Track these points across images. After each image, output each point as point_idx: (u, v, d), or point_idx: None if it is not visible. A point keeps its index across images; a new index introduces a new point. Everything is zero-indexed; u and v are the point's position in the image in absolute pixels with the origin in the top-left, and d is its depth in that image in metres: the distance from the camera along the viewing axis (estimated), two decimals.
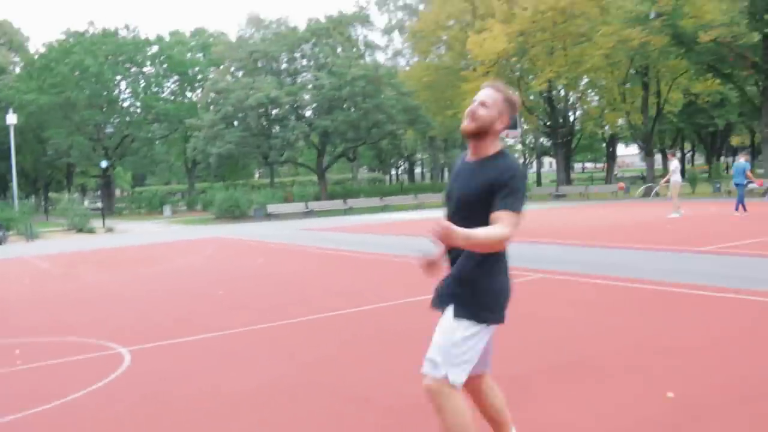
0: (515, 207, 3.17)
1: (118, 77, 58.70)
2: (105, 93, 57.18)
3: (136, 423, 5.09)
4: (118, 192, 76.34)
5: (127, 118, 59.29)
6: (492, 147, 3.37)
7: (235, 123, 45.03)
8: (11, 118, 40.07)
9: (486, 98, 3.36)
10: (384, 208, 38.60)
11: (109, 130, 59.89)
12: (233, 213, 38.00)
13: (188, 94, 63.37)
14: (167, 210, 50.25)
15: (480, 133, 3.35)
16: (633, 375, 5.46)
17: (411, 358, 6.37)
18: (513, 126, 39.59)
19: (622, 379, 5.36)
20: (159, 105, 58.09)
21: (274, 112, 45.59)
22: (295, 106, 45.17)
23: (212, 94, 47.14)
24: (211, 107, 46.19)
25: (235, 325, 8.14)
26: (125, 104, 60.79)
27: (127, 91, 60.76)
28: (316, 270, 13.77)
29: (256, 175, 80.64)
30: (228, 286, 11.86)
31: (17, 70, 61.32)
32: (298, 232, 24.87)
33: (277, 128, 45.42)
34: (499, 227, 3.11)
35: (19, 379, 6.63)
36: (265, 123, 45.70)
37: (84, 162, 60.05)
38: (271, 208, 37.75)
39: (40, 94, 52.82)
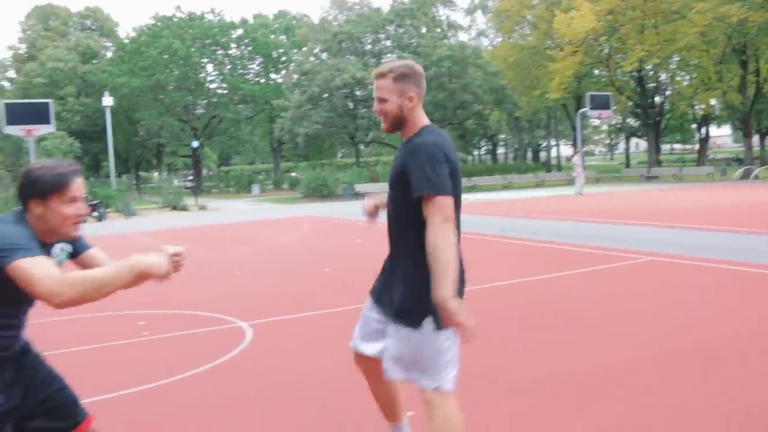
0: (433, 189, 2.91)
1: (205, 60, 59.83)
2: (193, 75, 58.38)
3: (263, 396, 5.19)
4: (204, 171, 78.09)
5: (214, 99, 60.45)
6: (415, 127, 3.15)
7: (322, 103, 45.36)
8: (107, 100, 41.34)
9: (380, 92, 3.14)
10: (472, 189, 38.34)
11: (197, 111, 61.21)
12: (321, 192, 38.36)
13: (272, 75, 64.16)
14: (255, 189, 51.09)
15: (400, 126, 3.16)
16: (747, 363, 5.27)
17: (524, 338, 6.34)
18: (605, 106, 38.81)
19: (736, 367, 5.18)
20: (245, 86, 59.01)
21: (359, 92, 45.73)
22: None
23: (296, 76, 47.60)
24: (297, 88, 46.64)
25: (349, 302, 8.21)
26: (212, 86, 61.97)
27: (214, 73, 61.91)
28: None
29: (339, 155, 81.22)
30: (332, 264, 11.97)
31: (109, 54, 63.14)
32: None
33: (362, 108, 45.57)
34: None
35: (147, 350, 6.85)
36: (350, 104, 45.91)
37: (173, 142, 61.60)
38: (359, 187, 37.94)
39: (132, 77, 54.30)
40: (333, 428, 4.39)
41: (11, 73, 66.50)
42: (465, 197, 30.85)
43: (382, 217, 3.46)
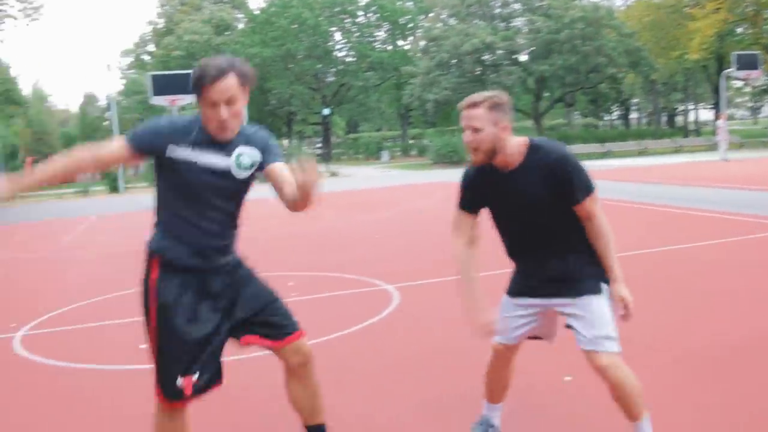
0: None
1: (333, 28, 60.47)
2: (322, 44, 59.14)
3: (414, 358, 5.17)
4: (333, 138, 79.29)
5: (343, 67, 61.10)
6: (518, 150, 3.16)
7: (451, 69, 44.96)
8: None
9: (473, 122, 3.09)
10: (605, 155, 37.12)
11: (327, 79, 62.06)
12: (451, 158, 38.14)
13: (399, 42, 64.13)
14: (385, 155, 51.43)
15: (492, 156, 3.14)
16: None
17: (677, 305, 6.04)
18: (753, 66, 36.50)
19: None
20: (373, 54, 59.29)
21: (488, 57, 45.02)
22: (510, 51, 44.34)
23: (424, 42, 47.32)
24: (425, 55, 46.42)
25: (493, 267, 8.07)
26: (341, 54, 62.60)
27: (343, 41, 62.50)
28: None
29: None
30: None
31: (240, 26, 64.80)
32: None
33: (492, 74, 44.88)
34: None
35: (297, 311, 6.96)
36: (479, 69, 45.29)
37: (304, 110, 62.77)
38: None
39: (263, 48, 55.59)
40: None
41: (151, 47, 69.36)
42: (599, 163, 29.90)
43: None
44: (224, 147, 2.89)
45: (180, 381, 2.87)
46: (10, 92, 43.07)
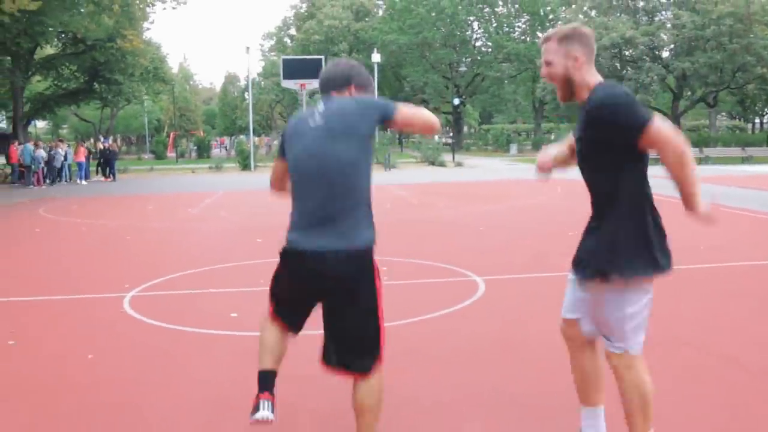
0: None
1: (471, 18, 60.27)
2: (458, 33, 59.11)
3: (487, 347, 5.29)
4: (465, 129, 79.10)
5: (479, 57, 60.84)
6: (588, 87, 2.98)
7: None
8: (375, 57, 43.17)
9: (546, 57, 3.04)
10: (746, 160, 35.30)
11: (461, 68, 61.99)
12: None
13: (539, 34, 63.12)
14: (513, 148, 51.04)
15: (571, 90, 3.03)
16: None
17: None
18: None
19: None
20: (510, 45, 58.70)
21: (627, 53, 43.68)
22: (651, 46, 42.85)
23: None
24: None
25: None
26: (477, 44, 62.35)
27: (479, 31, 62.22)
28: (671, 220, 13.05)
29: None
30: (578, 227, 11.71)
31: (380, 12, 65.65)
32: (652, 179, 23.74)
33: (630, 70, 43.52)
34: None
35: (387, 293, 7.20)
36: (617, 64, 44.03)
37: (437, 98, 63.02)
38: None
39: (400, 35, 56.18)
40: (546, 393, 4.39)
41: (293, 31, 71.44)
42: (736, 168, 28.45)
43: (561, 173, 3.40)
44: None
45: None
46: (158, 70, 45.63)
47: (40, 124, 69.67)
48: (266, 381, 3.22)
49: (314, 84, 23.54)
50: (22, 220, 15.38)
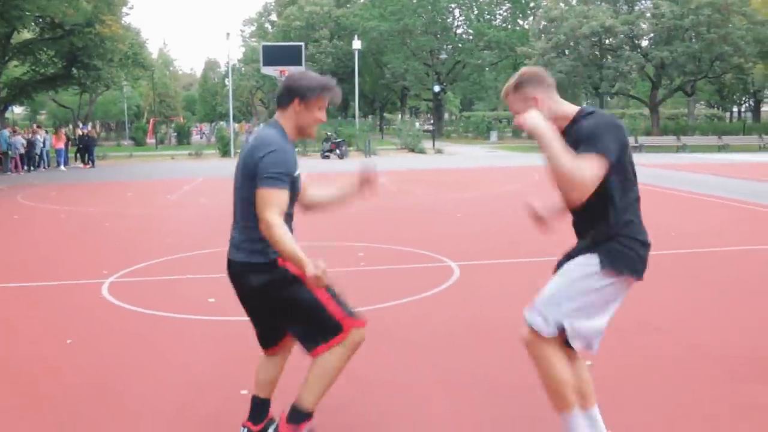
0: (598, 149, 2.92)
1: (453, 5, 60.29)
2: (440, 20, 59.11)
3: (459, 332, 5.42)
4: (447, 116, 79.23)
5: (459, 45, 60.89)
6: (566, 117, 3.14)
7: (566, 52, 44.17)
8: (356, 44, 43.14)
9: (512, 108, 3.21)
10: (722, 148, 35.67)
11: (442, 56, 62.01)
12: None
13: (519, 21, 63.26)
14: (493, 135, 51.23)
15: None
16: None
17: (746, 308, 6.02)
18: None
19: None
20: (490, 32, 58.79)
21: (607, 41, 43.89)
22: (630, 35, 43.09)
23: (543, 23, 46.57)
24: (543, 35, 45.72)
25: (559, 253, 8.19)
26: (458, 31, 62.39)
27: (461, 18, 62.24)
28: (649, 209, 13.23)
29: (584, 105, 78.71)
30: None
31: None
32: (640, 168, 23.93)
33: (609, 58, 43.75)
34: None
35: (362, 278, 7.36)
36: (597, 53, 44.24)
37: (417, 86, 62.98)
38: None
39: (381, 21, 56.09)
40: (514, 373, 4.53)
41: (274, 17, 71.09)
42: (715, 157, 28.83)
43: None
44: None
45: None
46: (137, 56, 45.29)
47: (18, 110, 69.01)
48: (251, 408, 3.49)
49: (293, 70, 23.59)
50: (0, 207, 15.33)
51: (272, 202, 3.04)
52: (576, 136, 3.03)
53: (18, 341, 5.45)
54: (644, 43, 44.93)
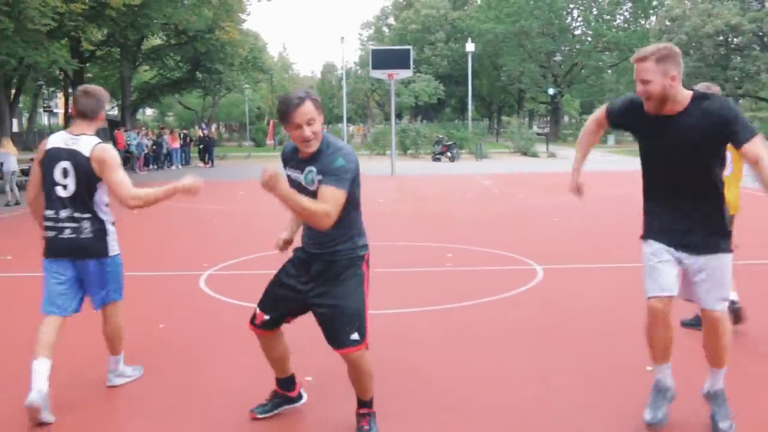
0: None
1: (571, 6, 59.21)
2: (557, 22, 58.18)
3: (534, 330, 5.50)
4: (566, 119, 77.86)
5: (577, 46, 59.73)
6: (680, 101, 3.41)
7: (690, 52, 42.63)
8: (469, 46, 43.17)
9: (642, 75, 3.37)
10: None
11: (558, 58, 61.03)
12: None
13: (641, 21, 61.45)
14: (611, 139, 50.01)
15: (664, 105, 3.40)
16: None
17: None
18: None
19: None
20: (610, 33, 57.40)
21: (735, 40, 42.10)
22: (759, 33, 41.17)
23: (667, 22, 45.13)
24: (664, 36, 44.29)
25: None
26: (576, 32, 61.22)
27: (579, 19, 61.02)
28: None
29: None
30: None
31: (478, 1, 65.26)
32: (748, 170, 22.93)
33: (736, 58, 41.94)
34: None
35: (447, 278, 7.53)
36: (723, 52, 42.49)
37: (534, 88, 62.19)
38: None
39: (497, 24, 55.75)
40: (586, 372, 4.59)
41: (391, 20, 71.90)
42: None
43: None
44: (304, 163, 3.52)
45: (257, 311, 3.81)
46: (257, 60, 47.00)
47: (149, 112, 72.68)
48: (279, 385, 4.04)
49: (402, 74, 23.87)
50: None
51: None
52: (711, 116, 3.35)
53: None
54: None
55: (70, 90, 34.10)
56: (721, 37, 41.56)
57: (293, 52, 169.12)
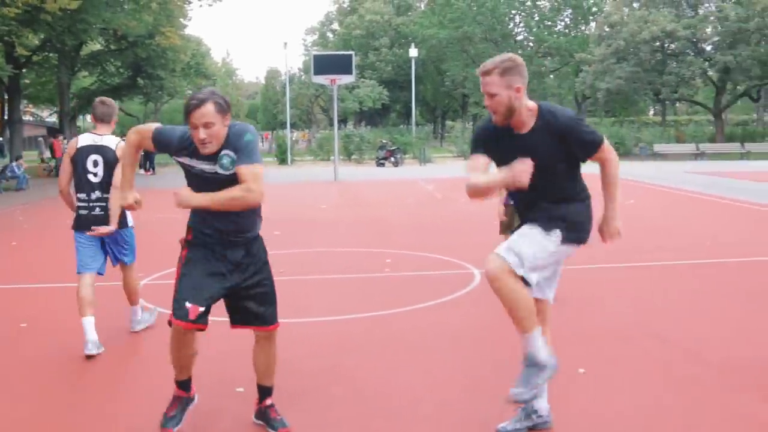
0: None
1: (513, 12, 59.99)
2: (499, 27, 58.87)
3: (474, 333, 5.53)
4: None
5: (519, 52, 60.46)
6: (528, 117, 3.43)
7: (627, 58, 43.49)
8: (413, 52, 43.45)
9: (488, 88, 3.36)
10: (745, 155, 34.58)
11: None
12: (617, 150, 36.79)
13: (582, 27, 62.57)
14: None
15: (511, 116, 3.40)
16: None
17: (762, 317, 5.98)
18: None
19: None
20: (551, 39, 58.31)
21: (670, 46, 43.08)
22: (693, 40, 42.22)
23: (606, 28, 46.00)
24: (603, 41, 45.15)
25: (591, 261, 8.23)
26: (518, 38, 62.02)
27: (521, 25, 61.84)
28: (691, 216, 13.08)
29: (651, 112, 77.31)
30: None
31: (422, 6, 65.66)
32: (682, 174, 23.55)
33: (672, 63, 42.92)
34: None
35: (385, 283, 7.53)
36: (659, 58, 43.45)
37: (477, 93, 62.73)
38: (658, 147, 36.08)
39: (441, 29, 56.16)
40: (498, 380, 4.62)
41: (335, 26, 71.88)
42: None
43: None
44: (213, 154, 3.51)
45: (188, 306, 3.55)
46: (200, 66, 46.56)
47: (90, 119, 71.43)
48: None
49: (344, 79, 23.85)
50: (58, 211, 15.93)
51: None
52: (556, 130, 3.39)
53: (54, 337, 5.76)
54: (708, 47, 43.98)
55: (5, 96, 33.24)
56: (658, 43, 42.44)
57: (237, 57, 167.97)
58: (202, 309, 3.53)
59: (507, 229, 6.41)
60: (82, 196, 5.31)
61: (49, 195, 20.47)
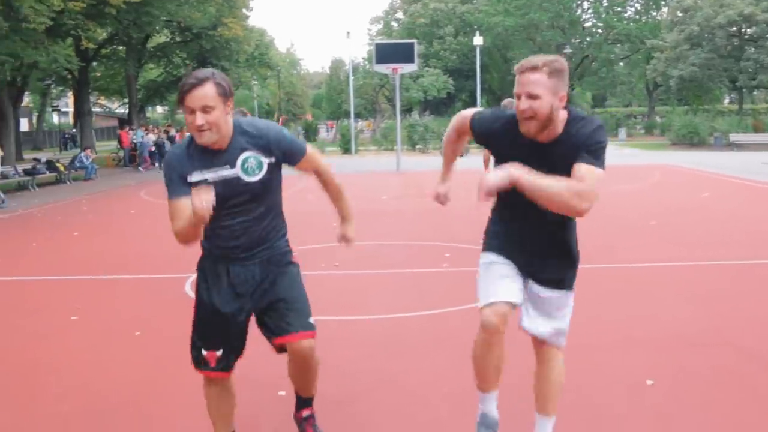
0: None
1: None
2: (567, 14, 57.67)
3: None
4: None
5: (588, 39, 59.20)
6: (560, 123, 2.89)
7: (703, 44, 42.01)
8: (477, 40, 42.83)
9: (531, 87, 2.78)
10: None
11: (568, 50, 60.49)
12: (691, 140, 35.83)
13: (653, 13, 60.82)
14: (622, 133, 49.48)
15: (546, 127, 2.85)
16: None
17: None
18: None
19: None
20: (621, 25, 56.84)
21: (748, 31, 41.44)
22: None
23: (679, 13, 44.55)
24: (676, 26, 43.72)
25: (658, 259, 7.77)
26: (586, 25, 60.68)
27: (589, 11, 60.48)
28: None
29: (726, 100, 74.79)
30: (662, 218, 11.26)
31: None
32: (760, 165, 22.49)
33: (750, 49, 41.27)
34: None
35: (443, 279, 7.24)
36: (736, 43, 41.83)
37: None
38: (734, 137, 34.66)
39: (506, 17, 55.36)
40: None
41: (400, 15, 71.46)
42: None
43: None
44: (226, 156, 2.95)
45: (204, 353, 3.17)
46: (263, 56, 46.85)
47: (160, 110, 72.72)
48: None
49: (406, 68, 23.55)
50: (122, 202, 16.12)
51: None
52: (582, 144, 2.87)
53: (93, 331, 5.65)
54: None
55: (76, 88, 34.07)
56: (734, 28, 40.91)
57: (301, 48, 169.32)
58: (219, 353, 3.15)
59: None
60: None
61: (114, 185, 20.76)
